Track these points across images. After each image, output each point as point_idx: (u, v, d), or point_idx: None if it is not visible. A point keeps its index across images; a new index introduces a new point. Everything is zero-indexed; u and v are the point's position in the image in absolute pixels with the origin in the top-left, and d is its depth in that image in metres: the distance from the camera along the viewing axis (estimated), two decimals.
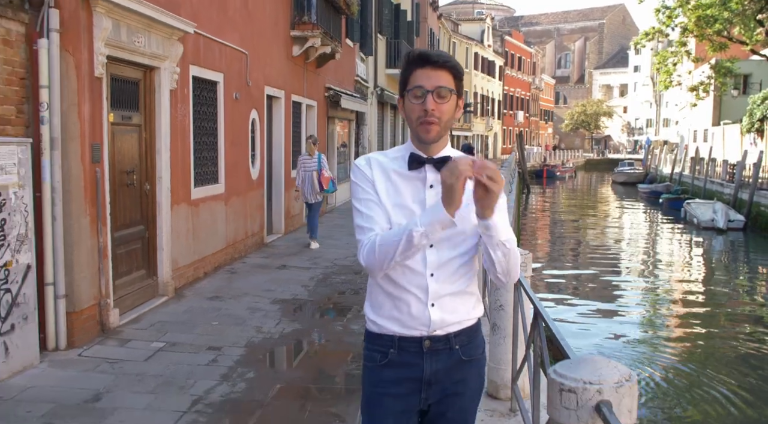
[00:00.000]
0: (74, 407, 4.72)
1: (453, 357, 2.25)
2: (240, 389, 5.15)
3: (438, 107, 2.13)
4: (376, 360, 2.27)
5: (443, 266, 2.20)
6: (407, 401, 2.25)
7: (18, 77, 5.56)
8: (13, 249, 5.18)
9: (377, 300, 2.26)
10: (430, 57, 2.15)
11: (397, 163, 2.23)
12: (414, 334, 2.21)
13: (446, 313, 2.21)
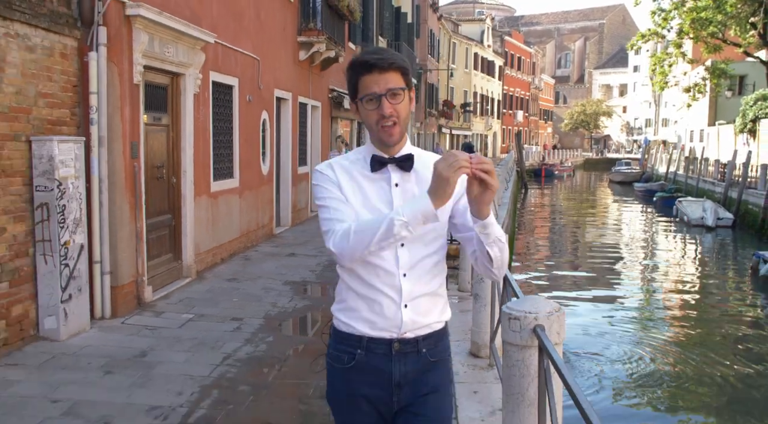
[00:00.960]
0: (126, 360, 5.67)
1: (421, 360, 2.24)
2: (261, 350, 6.11)
3: (394, 108, 2.14)
4: (343, 361, 2.24)
5: (416, 265, 2.19)
6: (378, 404, 2.24)
7: (71, 85, 6.51)
8: (71, 230, 6.14)
9: (347, 301, 2.24)
10: (375, 62, 2.14)
11: (358, 165, 2.23)
12: (384, 335, 2.19)
13: (418, 315, 2.20)
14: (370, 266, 2.16)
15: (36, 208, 5.97)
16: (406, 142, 2.25)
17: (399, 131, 2.17)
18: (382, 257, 2.15)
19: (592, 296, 15.22)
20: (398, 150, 2.21)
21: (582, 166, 75.37)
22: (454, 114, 49.52)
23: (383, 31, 25.16)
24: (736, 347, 11.61)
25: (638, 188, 44.18)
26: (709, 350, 11.21)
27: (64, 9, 6.35)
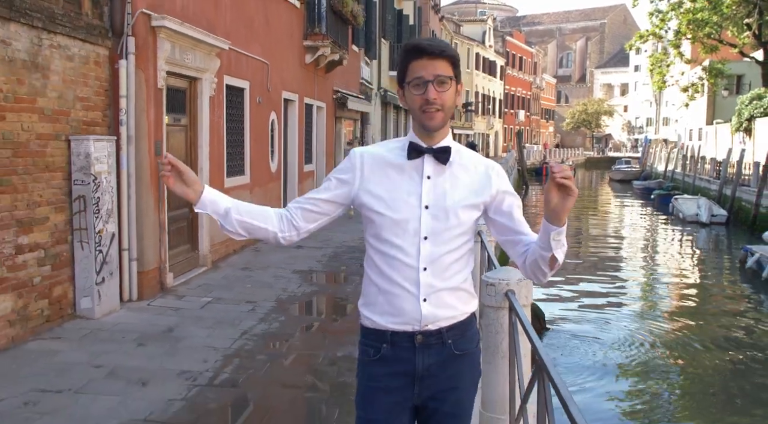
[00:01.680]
0: (155, 335, 6.39)
1: (445, 351, 2.25)
2: (275, 327, 6.82)
3: (439, 95, 2.15)
4: (369, 355, 2.28)
5: (437, 260, 2.20)
6: (400, 394, 2.26)
7: (103, 89, 7.23)
8: (104, 220, 6.86)
9: (369, 295, 2.28)
10: (426, 47, 2.16)
11: (395, 154, 2.25)
12: (406, 329, 2.21)
13: (438, 308, 2.21)
14: (391, 260, 2.19)
15: (74, 200, 6.69)
16: (448, 135, 2.26)
17: (442, 118, 2.18)
18: (405, 250, 2.18)
19: (590, 288, 15.93)
20: (439, 141, 2.22)
21: (583, 165, 76.00)
22: (456, 113, 50.18)
23: (385, 33, 25.85)
24: (723, 333, 12.32)
25: (637, 186, 44.91)
26: (697, 336, 11.93)
27: (98, 21, 7.06)
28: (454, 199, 2.20)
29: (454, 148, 2.23)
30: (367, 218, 2.25)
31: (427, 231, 2.17)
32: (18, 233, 5.96)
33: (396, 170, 2.22)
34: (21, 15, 5.85)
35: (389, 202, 2.19)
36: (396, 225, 2.18)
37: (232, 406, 4.91)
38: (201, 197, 2.21)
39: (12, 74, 5.82)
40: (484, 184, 2.26)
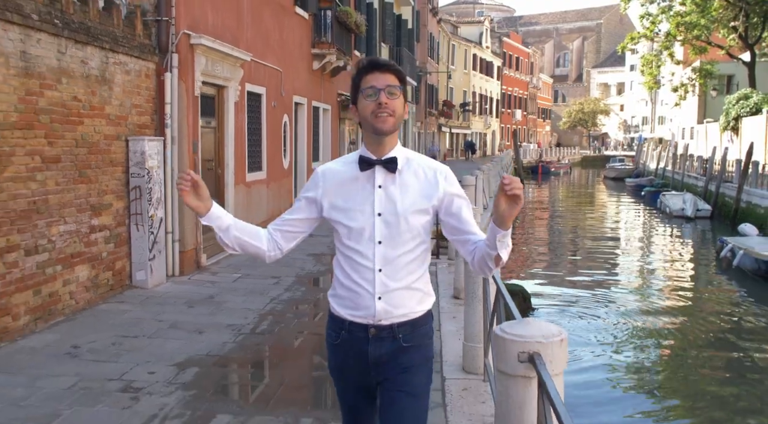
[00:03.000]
0: (200, 300, 7.78)
1: (395, 344, 2.47)
2: (298, 295, 8.21)
3: (390, 102, 2.36)
4: (332, 338, 2.55)
5: (391, 262, 2.41)
6: (359, 375, 2.52)
7: (151, 97, 8.61)
8: (155, 207, 8.25)
9: (336, 288, 2.53)
10: (377, 62, 2.42)
11: (351, 167, 2.47)
12: (361, 321, 2.45)
13: (391, 306, 2.42)
14: (352, 262, 2.44)
15: (131, 190, 8.08)
16: (396, 146, 2.46)
17: (393, 123, 2.38)
18: (362, 253, 2.42)
19: (578, 274, 17.36)
20: (387, 152, 2.43)
21: (580, 163, 77.38)
22: (454, 113, 51.55)
23: (385, 37, 27.20)
24: (697, 312, 13.78)
25: (629, 183, 46.34)
26: (674, 314, 13.37)
27: (147, 41, 8.44)
28: (404, 206, 2.40)
29: (402, 157, 2.44)
30: (332, 226, 2.53)
31: (381, 236, 2.40)
32: (92, 215, 7.35)
33: (352, 182, 2.44)
34: (95, 39, 7.24)
35: (347, 213, 2.43)
36: (354, 232, 2.42)
37: (271, 347, 6.29)
38: (209, 212, 2.44)
39: (88, 87, 7.20)
40: (432, 189, 2.45)
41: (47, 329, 6.47)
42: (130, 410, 4.62)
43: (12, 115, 6.02)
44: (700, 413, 8.82)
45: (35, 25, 6.27)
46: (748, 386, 9.76)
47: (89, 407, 4.68)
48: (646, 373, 10.38)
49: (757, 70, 39.69)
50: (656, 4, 41.96)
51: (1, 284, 5.91)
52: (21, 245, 6.17)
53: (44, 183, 6.50)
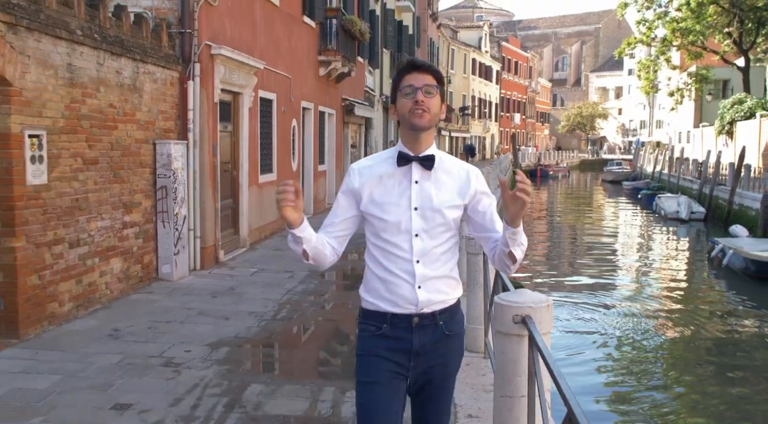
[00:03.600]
0: (222, 291, 8.44)
1: (437, 332, 2.58)
2: (311, 287, 8.87)
3: (427, 100, 2.48)
4: (370, 331, 2.60)
5: (427, 253, 2.53)
6: (398, 364, 2.57)
7: (175, 104, 9.28)
8: (179, 205, 8.91)
9: (370, 283, 2.60)
10: (416, 63, 2.55)
11: (387, 163, 2.58)
12: (404, 312, 2.54)
13: (431, 294, 2.54)
14: (389, 254, 2.54)
15: (158, 190, 8.74)
16: (432, 145, 2.59)
17: (428, 119, 2.50)
18: (399, 246, 2.53)
19: (576, 272, 18.04)
20: (423, 150, 2.55)
21: (578, 166, 78.08)
22: (453, 117, 52.21)
23: (387, 43, 27.87)
24: (688, 307, 14.48)
25: (626, 186, 47.06)
26: (666, 309, 14.07)
27: (172, 52, 9.11)
28: (439, 200, 2.53)
29: (437, 156, 2.56)
30: (367, 219, 2.61)
31: (418, 229, 2.53)
32: (124, 213, 8.01)
33: (388, 178, 2.55)
34: (127, 51, 7.91)
35: (384, 207, 2.53)
36: (391, 225, 2.53)
37: (292, 330, 6.96)
38: (302, 223, 2.52)
39: (122, 95, 7.87)
40: (465, 186, 2.58)
41: (87, 315, 7.13)
42: (174, 381, 5.28)
43: (60, 121, 6.68)
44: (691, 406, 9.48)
45: (79, 40, 6.93)
46: (734, 377, 10.45)
47: (137, 378, 5.34)
48: (638, 364, 11.03)
49: (751, 75, 40.38)
50: (652, 10, 42.73)
51: (50, 274, 6.57)
52: (65, 238, 6.83)
53: (85, 182, 7.16)
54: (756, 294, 15.46)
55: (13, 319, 6.12)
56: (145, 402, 4.82)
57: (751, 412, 9.16)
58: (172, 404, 4.79)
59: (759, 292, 15.52)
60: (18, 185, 6.07)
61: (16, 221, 6.06)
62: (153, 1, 9.16)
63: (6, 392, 4.96)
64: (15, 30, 5.96)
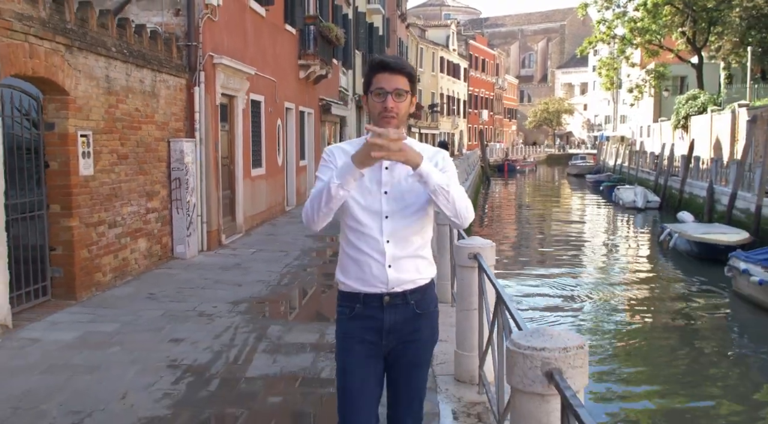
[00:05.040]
0: (230, 266, 9.92)
1: (408, 310, 2.72)
2: (306, 262, 10.38)
3: (396, 105, 2.59)
4: (345, 314, 2.77)
5: (397, 233, 2.66)
6: (371, 345, 2.73)
7: (184, 107, 10.72)
8: (190, 194, 10.36)
9: (344, 265, 2.75)
10: (388, 64, 2.62)
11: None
12: (375, 291, 2.69)
13: (401, 273, 2.68)
14: (361, 235, 2.67)
15: (172, 181, 10.19)
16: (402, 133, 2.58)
17: (395, 124, 2.59)
18: (371, 227, 2.65)
19: (536, 258, 19.75)
20: None
21: (545, 161, 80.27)
22: (423, 114, 53.83)
23: (359, 44, 29.37)
24: (635, 283, 16.26)
25: (589, 179, 49.15)
26: (616, 285, 15.80)
27: (180, 62, 10.56)
28: (408, 184, 2.63)
29: (409, 143, 2.57)
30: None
31: (388, 211, 2.63)
32: (147, 200, 9.46)
33: None
34: (148, 63, 9.36)
35: (357, 189, 2.61)
36: (363, 207, 2.64)
37: (295, 291, 8.48)
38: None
39: (144, 101, 9.32)
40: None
41: (123, 284, 8.59)
42: (211, 325, 6.78)
43: (101, 123, 8.13)
44: (638, 371, 11.15)
45: (113, 55, 8.37)
46: (676, 342, 12.20)
47: (181, 324, 6.83)
48: (593, 336, 12.68)
49: (706, 71, 42.53)
50: (611, 10, 44.73)
51: (96, 249, 8.01)
52: (106, 220, 8.27)
53: (119, 174, 8.61)
54: (698, 272, 17.27)
55: (71, 284, 7.56)
56: (193, 337, 6.32)
57: (690, 372, 10.90)
58: (215, 338, 6.30)
59: (700, 270, 17.33)
60: (74, 176, 7.52)
61: (72, 205, 7.51)
62: (163, 18, 10.59)
63: (84, 333, 6.43)
64: (70, 50, 7.41)
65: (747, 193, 21.69)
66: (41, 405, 4.69)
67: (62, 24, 7.21)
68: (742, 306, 13.86)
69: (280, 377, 5.30)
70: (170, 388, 5.04)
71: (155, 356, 5.78)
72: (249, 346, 6.07)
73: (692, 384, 10.06)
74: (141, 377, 5.25)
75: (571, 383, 2.16)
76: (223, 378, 5.28)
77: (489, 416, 4.38)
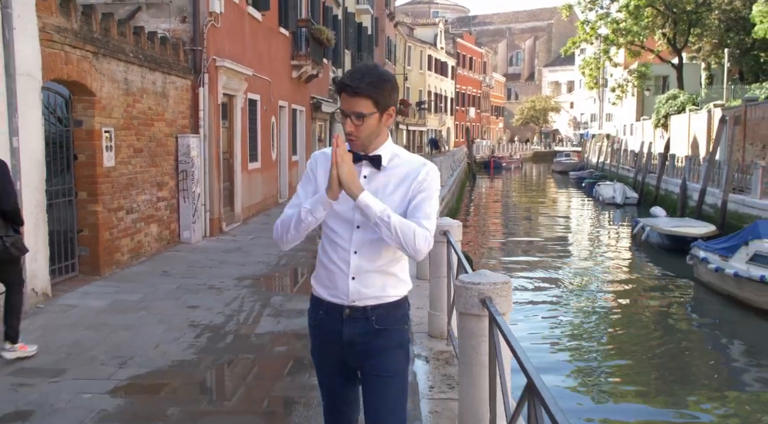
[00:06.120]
0: (232, 249, 10.99)
1: (368, 326, 2.62)
2: (300, 246, 11.41)
3: (356, 129, 2.52)
4: (312, 320, 2.74)
5: (366, 245, 2.57)
6: (336, 356, 2.69)
7: (189, 106, 11.77)
8: (195, 185, 11.42)
9: (317, 270, 2.72)
10: (347, 86, 2.50)
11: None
12: (337, 301, 2.62)
13: (364, 287, 2.58)
14: (332, 243, 2.63)
15: (179, 172, 11.25)
16: (384, 144, 2.63)
17: (360, 145, 2.57)
18: (341, 236, 2.61)
19: (520, 252, 20.93)
20: (374, 149, 2.60)
21: (531, 158, 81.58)
22: (410, 112, 54.93)
23: (348, 44, 30.42)
24: (609, 274, 17.43)
25: (572, 176, 50.47)
26: (593, 274, 16.97)
27: (186, 64, 11.61)
28: (384, 196, 2.56)
29: (389, 154, 2.62)
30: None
31: (360, 222, 2.57)
32: (158, 189, 10.52)
33: None
34: (159, 66, 10.41)
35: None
36: (336, 215, 2.60)
37: (292, 270, 9.56)
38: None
39: (156, 101, 10.37)
40: (411, 180, 2.60)
41: (138, 264, 9.65)
42: (221, 296, 7.86)
43: (120, 121, 9.18)
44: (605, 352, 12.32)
45: (130, 60, 9.43)
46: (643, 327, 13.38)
47: (195, 295, 7.91)
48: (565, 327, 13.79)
49: (687, 71, 43.82)
50: (595, 12, 45.95)
51: (116, 231, 9.07)
52: (124, 206, 9.33)
53: (135, 166, 9.67)
54: (666, 262, 18.48)
55: (95, 262, 8.62)
56: (207, 305, 7.40)
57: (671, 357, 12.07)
58: (226, 305, 7.40)
59: (668, 261, 18.52)
60: (99, 167, 8.57)
61: (97, 192, 8.57)
62: (170, 24, 11.63)
63: (113, 301, 7.51)
64: (97, 57, 8.46)
65: (716, 190, 22.94)
66: (90, 352, 5.76)
67: (90, 34, 8.26)
68: (701, 291, 15.07)
69: (283, 333, 6.40)
70: (193, 341, 6.13)
71: (177, 318, 6.86)
72: (255, 311, 7.17)
73: (651, 361, 11.21)
74: (168, 333, 6.33)
75: (498, 307, 3.12)
76: (236, 334, 6.37)
77: (454, 360, 5.49)
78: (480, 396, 3.49)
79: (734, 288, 13.65)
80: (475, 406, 3.58)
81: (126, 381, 5.10)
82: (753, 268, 13.15)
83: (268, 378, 5.25)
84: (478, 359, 3.49)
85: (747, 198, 20.78)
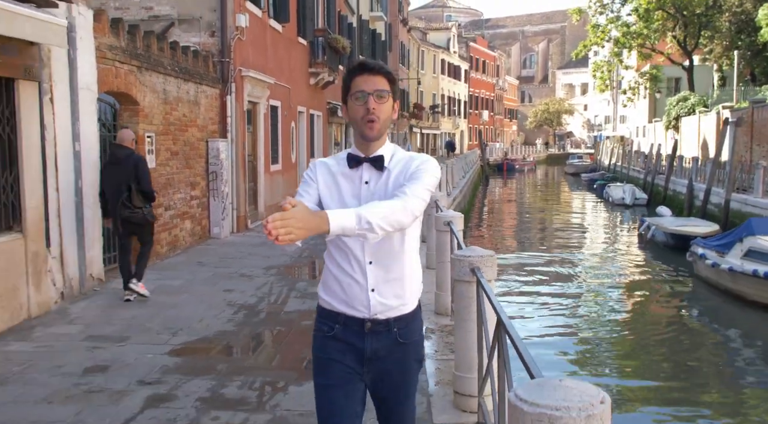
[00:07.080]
0: (258, 244, 11.98)
1: (391, 338, 2.54)
2: (320, 241, 12.39)
3: (378, 107, 2.45)
4: (323, 331, 2.59)
5: (380, 253, 2.48)
6: (351, 366, 2.55)
7: (217, 112, 12.79)
8: (224, 185, 12.44)
9: (328, 281, 2.58)
10: (367, 65, 2.49)
11: (341, 164, 2.55)
12: (357, 315, 2.51)
13: (384, 297, 2.50)
14: (344, 254, 2.53)
15: (210, 173, 12.27)
16: (384, 145, 2.56)
17: (378, 128, 2.47)
18: (352, 247, 2.50)
19: (528, 251, 21.83)
20: (374, 151, 2.53)
21: (545, 161, 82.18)
22: (424, 115, 55.86)
23: (363, 50, 31.43)
24: (617, 271, 18.31)
25: (584, 178, 51.21)
26: (604, 273, 17.86)
27: (215, 75, 12.64)
28: (386, 195, 2.46)
29: (389, 155, 2.55)
30: None
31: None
32: (191, 189, 11.54)
33: (342, 177, 2.54)
34: (192, 77, 11.44)
35: (337, 205, 2.49)
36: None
37: (316, 261, 10.55)
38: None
39: (189, 108, 11.40)
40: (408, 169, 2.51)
41: (175, 256, 10.68)
42: (252, 282, 8.86)
43: (160, 127, 10.21)
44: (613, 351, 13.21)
45: (168, 73, 10.46)
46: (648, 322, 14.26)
47: (229, 280, 8.91)
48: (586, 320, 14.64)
49: (699, 73, 44.44)
50: (605, 16, 46.67)
51: (157, 226, 10.02)
52: (163, 204, 10.36)
53: (172, 167, 10.70)
54: (669, 260, 19.27)
55: None
56: (240, 289, 8.40)
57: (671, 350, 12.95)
58: (257, 289, 8.40)
59: (672, 258, 19.33)
60: None
61: None
62: (200, 38, 12.66)
63: (158, 286, 8.52)
64: (140, 70, 9.49)
65: (720, 190, 23.70)
66: (146, 324, 6.78)
67: (135, 50, 9.30)
68: (699, 285, 15.90)
69: (309, 311, 7.37)
70: (232, 316, 7.13)
71: (215, 299, 7.86)
72: (283, 294, 8.16)
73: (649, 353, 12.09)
74: (209, 311, 7.33)
75: (484, 274, 4.04)
76: (268, 312, 7.37)
77: (455, 331, 6.45)
78: (470, 345, 4.43)
79: (729, 282, 14.44)
80: (467, 353, 4.50)
81: (180, 345, 6.10)
82: (746, 263, 13.95)
83: (299, 344, 6.23)
84: (468, 316, 4.44)
85: (749, 197, 21.53)
